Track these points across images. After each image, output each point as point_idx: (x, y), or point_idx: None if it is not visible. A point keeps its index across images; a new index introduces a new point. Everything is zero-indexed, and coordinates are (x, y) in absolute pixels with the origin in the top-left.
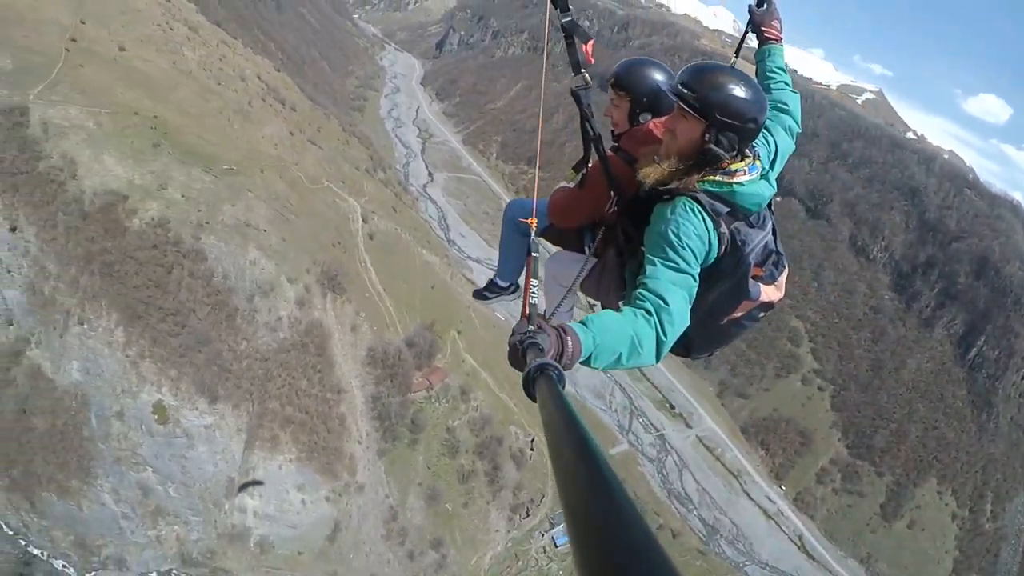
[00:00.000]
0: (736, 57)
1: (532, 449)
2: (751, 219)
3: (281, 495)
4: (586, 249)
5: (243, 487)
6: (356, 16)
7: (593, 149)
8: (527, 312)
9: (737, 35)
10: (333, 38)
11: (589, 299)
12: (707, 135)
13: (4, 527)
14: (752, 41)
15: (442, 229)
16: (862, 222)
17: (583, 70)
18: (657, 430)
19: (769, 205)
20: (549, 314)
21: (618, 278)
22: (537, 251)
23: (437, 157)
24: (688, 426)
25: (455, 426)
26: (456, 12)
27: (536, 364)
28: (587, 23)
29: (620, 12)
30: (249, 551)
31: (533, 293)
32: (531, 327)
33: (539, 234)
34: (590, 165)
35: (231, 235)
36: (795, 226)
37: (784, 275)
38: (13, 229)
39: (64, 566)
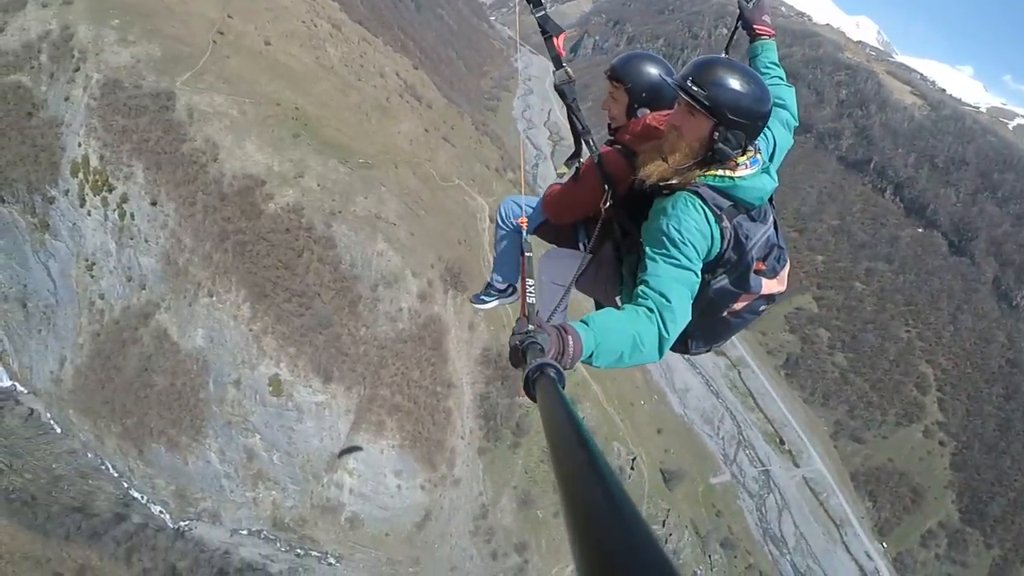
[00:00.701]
0: (726, 53)
1: (632, 468)
2: (753, 213)
3: (379, 477)
4: (581, 246)
5: (344, 453)
6: (492, 18)
7: (584, 143)
8: (526, 311)
9: (882, 47)
10: (470, 39)
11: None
12: (716, 133)
13: (111, 468)
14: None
15: None
16: (1008, 263)
17: (564, 64)
18: (763, 465)
19: (770, 199)
20: (548, 314)
21: (614, 274)
22: (530, 250)
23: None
24: (796, 465)
25: None
26: (591, 17)
27: (536, 364)
28: (725, 31)
29: None
30: (339, 525)
31: (530, 292)
32: (531, 326)
33: (533, 231)
34: (583, 159)
35: (361, 225)
36: (936, 262)
37: (786, 269)
38: (154, 203)
39: (161, 512)
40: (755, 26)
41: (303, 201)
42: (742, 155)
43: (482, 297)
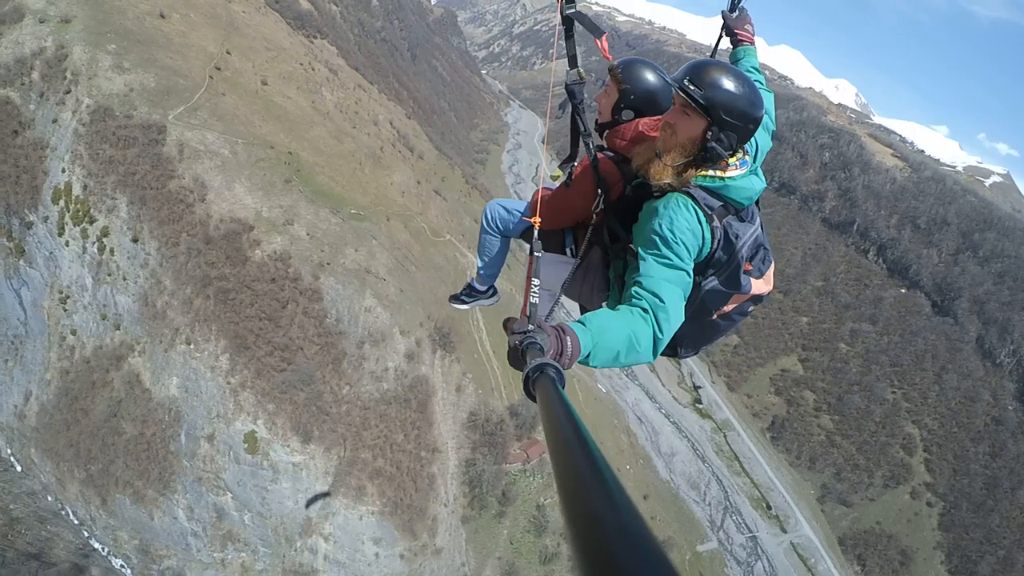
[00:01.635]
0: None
1: None
2: (741, 214)
3: (356, 544)
4: (568, 251)
5: (312, 502)
6: (484, 72)
7: (583, 145)
8: (527, 312)
9: (860, 109)
10: (462, 91)
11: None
12: (709, 133)
13: (71, 515)
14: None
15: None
16: (991, 322)
17: (578, 66)
18: (750, 531)
19: (757, 200)
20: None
21: (603, 279)
22: (539, 251)
23: None
24: (783, 530)
25: (546, 504)
26: None
27: (536, 364)
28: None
29: None
30: None
31: (534, 292)
32: (531, 327)
33: (517, 235)
34: (576, 165)
35: (350, 279)
36: (920, 322)
37: (771, 269)
38: (135, 240)
39: (122, 566)
40: (738, 33)
41: (291, 250)
42: (732, 156)
43: (461, 298)
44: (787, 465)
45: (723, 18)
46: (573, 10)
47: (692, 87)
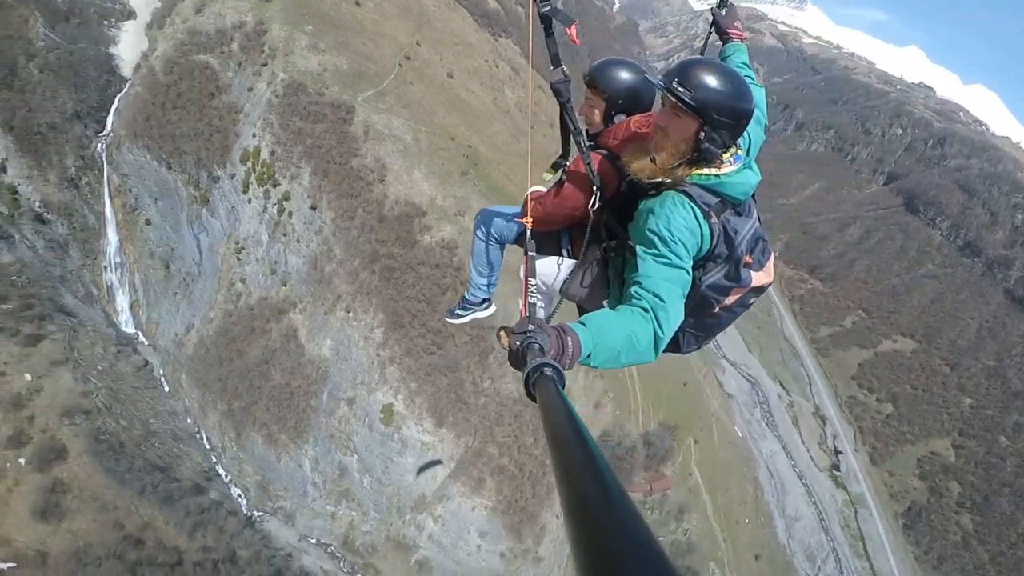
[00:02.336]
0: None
1: None
2: (738, 208)
3: (462, 532)
4: (564, 252)
5: (432, 480)
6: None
7: (575, 145)
8: (526, 312)
9: None
10: None
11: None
12: (702, 133)
13: (205, 439)
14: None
15: None
16: None
17: (561, 63)
18: None
19: (752, 194)
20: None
21: (602, 278)
22: (533, 250)
23: None
24: None
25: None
26: None
27: (536, 364)
28: (900, 131)
29: (937, 124)
30: (407, 564)
31: (532, 292)
32: (531, 327)
33: (512, 241)
34: (569, 165)
35: (510, 276)
36: None
37: (771, 260)
38: (313, 208)
39: (239, 496)
40: (728, 30)
41: (459, 240)
42: (726, 153)
43: (456, 312)
44: (912, 559)
45: (712, 15)
46: (548, 7)
47: (682, 89)
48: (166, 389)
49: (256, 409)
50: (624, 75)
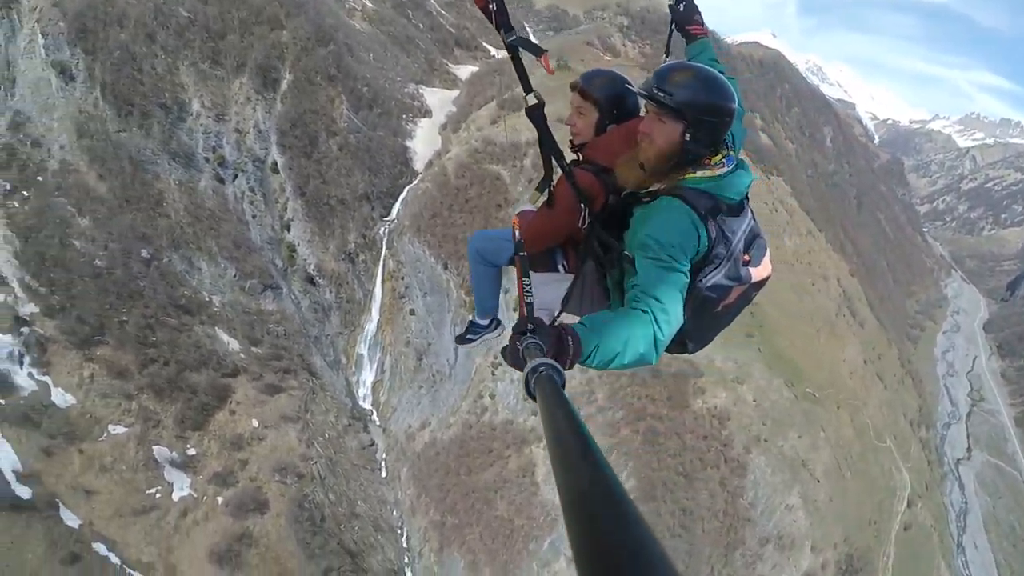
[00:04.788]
0: (667, 56)
1: None
2: (733, 208)
3: None
4: (560, 268)
5: None
6: (925, 230)
7: (557, 166)
8: (525, 312)
9: None
10: (902, 250)
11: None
12: (687, 135)
13: (404, 539)
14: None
15: (958, 528)
16: None
17: (533, 89)
18: None
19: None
20: None
21: (601, 290)
22: (523, 250)
23: (982, 429)
24: None
25: None
26: None
27: (537, 364)
28: None
29: None
30: None
31: (528, 292)
32: (530, 326)
33: (507, 263)
34: (555, 183)
35: (783, 467)
36: None
37: (767, 254)
38: None
39: None
40: (689, 28)
41: (733, 411)
42: (715, 154)
43: (467, 336)
44: None
45: (671, 12)
46: (514, 37)
47: (662, 94)
48: (383, 475)
49: (469, 532)
50: (610, 84)
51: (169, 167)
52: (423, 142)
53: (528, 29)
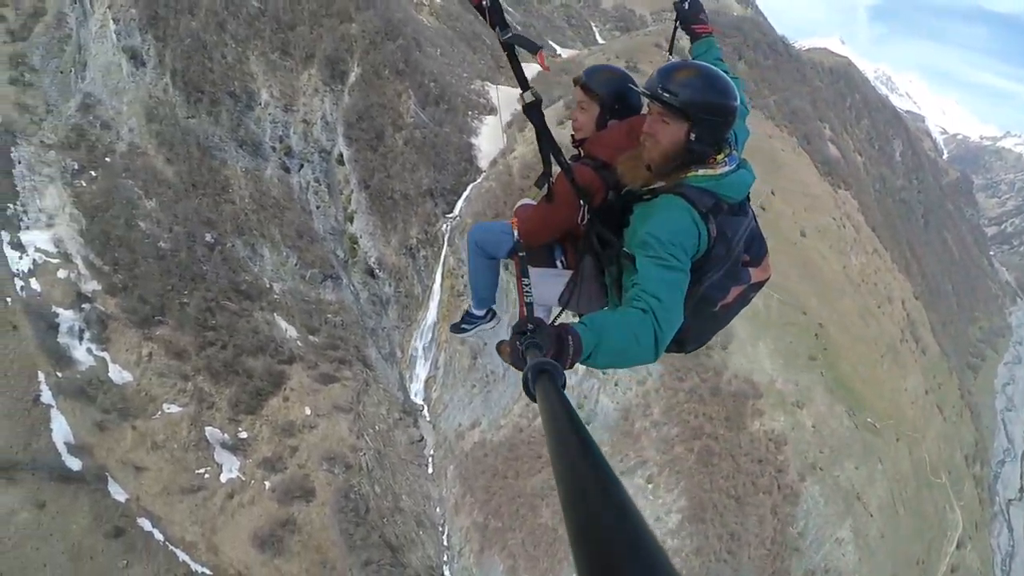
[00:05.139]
0: (670, 55)
1: None
2: (734, 207)
3: None
4: (558, 263)
5: None
6: (992, 254)
7: (555, 162)
8: (524, 311)
9: None
10: (968, 273)
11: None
12: (692, 134)
13: (445, 536)
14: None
15: (1003, 573)
16: None
17: (531, 86)
18: None
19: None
20: None
21: (598, 287)
22: (523, 250)
23: None
24: None
25: None
26: None
27: (536, 363)
28: None
29: None
30: None
31: (528, 292)
32: (531, 326)
33: (505, 256)
34: (554, 178)
35: (836, 498)
36: None
37: (768, 256)
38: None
39: None
40: (694, 26)
41: (790, 436)
42: (719, 153)
43: (462, 326)
44: None
45: (677, 11)
46: (509, 35)
47: (667, 94)
48: (429, 471)
49: (511, 537)
50: (614, 80)
51: (236, 154)
52: (488, 140)
53: (595, 28)
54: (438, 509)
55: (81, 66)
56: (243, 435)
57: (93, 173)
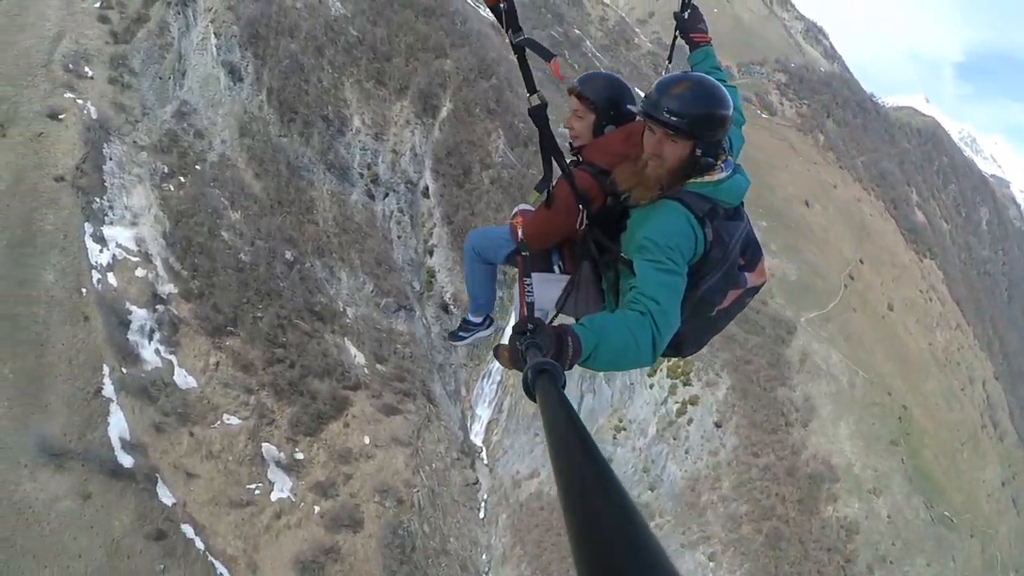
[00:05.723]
0: (669, 63)
1: None
2: (730, 212)
3: None
4: (556, 268)
5: None
6: None
7: (557, 166)
8: (525, 312)
9: None
10: None
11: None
12: (697, 149)
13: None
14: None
15: None
16: None
17: (538, 90)
18: None
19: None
20: None
21: (596, 291)
22: (527, 250)
23: None
24: None
25: None
26: None
27: (536, 363)
28: None
29: None
30: None
31: (529, 292)
32: (531, 327)
33: (503, 262)
34: (554, 183)
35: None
36: None
37: (763, 260)
38: (718, 425)
39: None
40: (692, 35)
41: (863, 525)
42: (717, 160)
43: (459, 334)
44: None
45: (676, 20)
46: (522, 38)
47: (674, 118)
48: (481, 516)
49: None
50: (609, 87)
51: (324, 177)
52: None
53: None
54: (484, 556)
55: (180, 74)
56: (299, 456)
57: (182, 179)
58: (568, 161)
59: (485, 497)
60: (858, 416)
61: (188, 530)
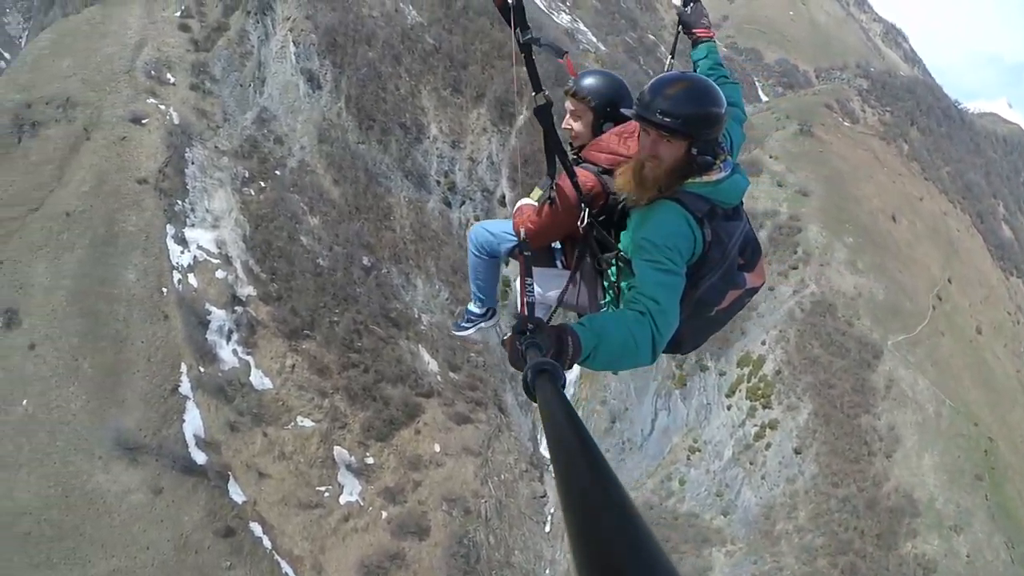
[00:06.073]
0: (672, 58)
1: None
2: (729, 212)
3: None
4: (559, 264)
5: None
6: None
7: (560, 164)
8: (525, 311)
9: None
10: None
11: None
12: (694, 149)
13: None
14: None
15: None
16: None
17: (543, 88)
18: None
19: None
20: None
21: (596, 288)
22: (529, 250)
23: None
24: None
25: None
26: None
27: (536, 364)
28: None
29: None
30: None
31: (530, 291)
32: (531, 326)
33: (506, 256)
34: (555, 183)
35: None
36: None
37: (762, 260)
38: (797, 452)
39: None
40: (695, 31)
41: (942, 565)
42: (716, 160)
43: (462, 324)
44: None
45: (679, 15)
46: (530, 36)
47: (667, 119)
48: (547, 530)
49: None
50: (604, 86)
51: (401, 184)
52: None
53: (757, 84)
54: (548, 571)
55: (260, 82)
56: (370, 460)
57: (262, 184)
58: (570, 159)
59: (552, 511)
60: (943, 447)
61: (256, 529)
